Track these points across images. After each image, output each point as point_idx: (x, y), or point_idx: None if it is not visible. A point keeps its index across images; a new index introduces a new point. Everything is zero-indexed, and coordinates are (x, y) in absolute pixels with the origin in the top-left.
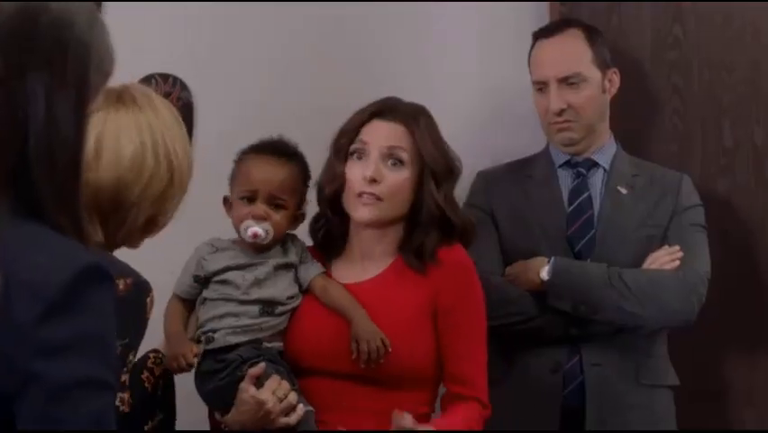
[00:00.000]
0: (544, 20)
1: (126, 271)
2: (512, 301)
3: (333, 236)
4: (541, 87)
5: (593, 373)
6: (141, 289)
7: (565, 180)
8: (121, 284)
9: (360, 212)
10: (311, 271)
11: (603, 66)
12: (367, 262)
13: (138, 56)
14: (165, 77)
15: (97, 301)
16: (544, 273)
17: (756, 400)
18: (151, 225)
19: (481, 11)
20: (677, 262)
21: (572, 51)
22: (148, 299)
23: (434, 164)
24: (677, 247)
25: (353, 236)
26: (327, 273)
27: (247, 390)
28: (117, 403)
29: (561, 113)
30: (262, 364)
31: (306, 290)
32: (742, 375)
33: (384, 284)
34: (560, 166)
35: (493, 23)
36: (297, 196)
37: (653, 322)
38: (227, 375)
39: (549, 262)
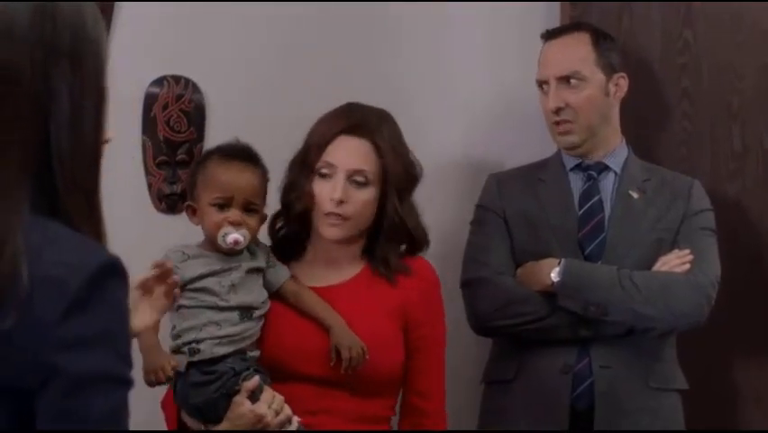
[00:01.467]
0: (555, 21)
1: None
2: (522, 302)
3: (292, 240)
4: (543, 86)
5: (602, 375)
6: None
7: (576, 184)
8: None
9: (328, 232)
10: (280, 274)
11: (608, 69)
12: (331, 268)
13: (150, 58)
14: (177, 78)
15: (115, 298)
16: (555, 275)
17: (764, 402)
18: None
19: (492, 11)
20: (687, 266)
21: (574, 51)
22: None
23: (397, 179)
24: (687, 251)
25: (315, 242)
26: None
27: (243, 403)
28: None
29: (558, 111)
30: (257, 378)
31: (274, 294)
32: (750, 378)
33: (356, 290)
34: (571, 169)
35: (504, 23)
36: (264, 199)
37: (663, 324)
38: (219, 388)
39: (559, 263)
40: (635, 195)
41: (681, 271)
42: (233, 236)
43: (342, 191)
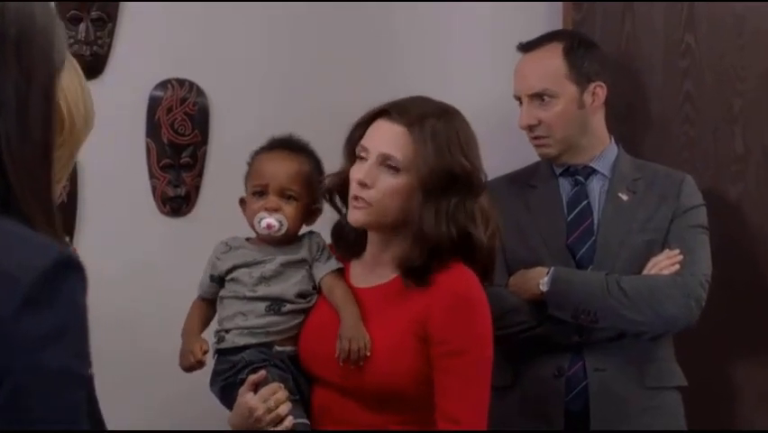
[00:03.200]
0: (558, 24)
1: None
2: (513, 311)
3: (351, 237)
4: (519, 101)
5: (596, 377)
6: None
7: (565, 189)
8: None
9: (350, 215)
10: (323, 269)
11: (582, 80)
12: (378, 268)
13: (154, 61)
14: (181, 82)
15: (71, 293)
16: (544, 284)
17: (766, 401)
18: None
19: (495, 12)
20: (677, 267)
21: (544, 68)
22: None
23: (426, 174)
24: (677, 251)
25: (368, 240)
26: (345, 273)
27: (243, 394)
28: None
29: (531, 129)
30: (263, 372)
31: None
32: (753, 376)
33: (384, 295)
34: (560, 174)
35: (505, 25)
36: (308, 188)
37: (653, 328)
38: (230, 377)
39: (548, 272)
40: (624, 197)
41: (671, 271)
42: (267, 220)
43: (365, 173)
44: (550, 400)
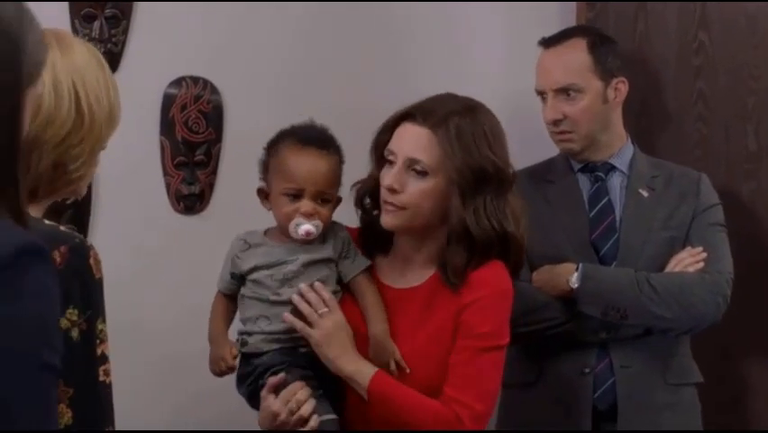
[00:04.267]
0: (571, 22)
1: (59, 237)
2: (542, 309)
3: (378, 233)
4: (542, 96)
5: (623, 374)
6: (78, 253)
7: (584, 185)
8: (57, 256)
9: (384, 219)
10: (354, 267)
11: (607, 75)
12: (408, 268)
13: (168, 59)
14: (195, 79)
15: (36, 282)
16: (574, 281)
17: None
18: (61, 173)
19: (508, 11)
20: (701, 264)
21: (570, 62)
22: (90, 260)
23: (458, 174)
24: (700, 248)
25: (397, 238)
26: (373, 270)
27: (266, 398)
28: (102, 376)
29: (556, 123)
30: (281, 375)
31: (348, 286)
32: (766, 374)
33: (423, 296)
34: (579, 170)
35: (519, 23)
36: (338, 185)
37: (682, 325)
38: (252, 382)
39: (577, 268)
40: (644, 193)
41: (696, 269)
42: (305, 228)
43: (394, 179)
44: (577, 397)
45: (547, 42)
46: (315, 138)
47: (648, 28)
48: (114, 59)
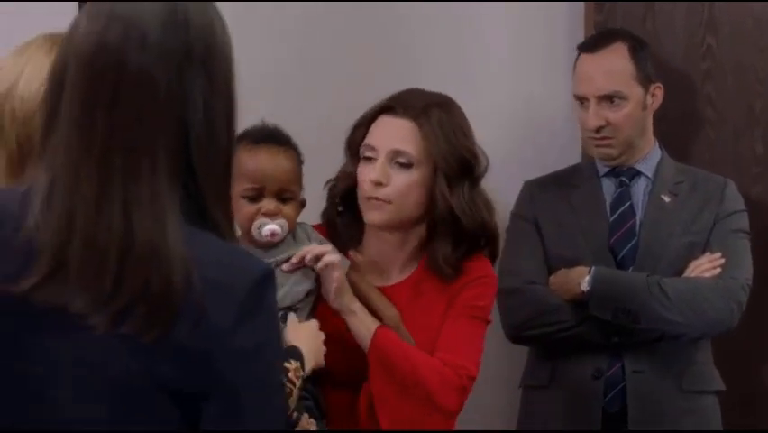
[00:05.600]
0: (579, 23)
1: None
2: (552, 312)
3: (350, 229)
4: (582, 101)
5: (635, 379)
6: None
7: (609, 189)
8: None
9: (369, 216)
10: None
11: (646, 82)
12: (390, 265)
13: None
14: None
15: (273, 304)
16: (585, 284)
17: None
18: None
19: (515, 11)
20: (718, 270)
21: (614, 69)
22: None
23: (444, 163)
24: (719, 254)
25: (373, 236)
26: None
27: None
28: None
29: (598, 130)
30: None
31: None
32: None
33: (411, 291)
34: (604, 175)
35: (528, 24)
36: (300, 184)
37: (693, 331)
38: None
39: (590, 272)
40: (666, 199)
41: (713, 275)
42: (269, 228)
43: (379, 172)
44: (588, 400)
45: (588, 47)
46: (269, 135)
47: (657, 29)
48: None
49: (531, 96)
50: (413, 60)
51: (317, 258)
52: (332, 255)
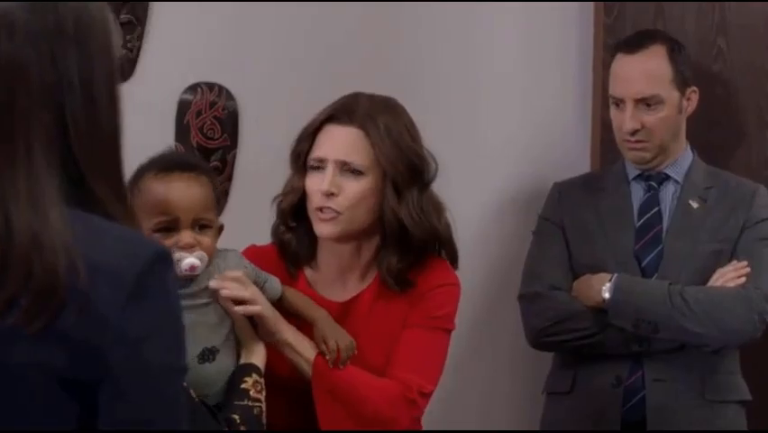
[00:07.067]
0: (589, 24)
1: None
2: (573, 318)
3: (302, 244)
4: (618, 102)
5: (655, 388)
6: None
7: (637, 193)
8: None
9: (320, 229)
10: (276, 285)
11: (683, 85)
12: (348, 278)
13: (183, 64)
14: (211, 86)
15: (169, 285)
16: (606, 292)
17: None
18: None
19: (525, 12)
20: (743, 279)
21: (653, 72)
22: None
23: (393, 169)
24: (744, 263)
25: (326, 249)
26: (302, 283)
27: None
28: None
29: (634, 132)
30: None
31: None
32: None
33: (363, 308)
34: (633, 179)
35: (537, 25)
36: (215, 209)
37: (714, 341)
38: None
39: (611, 279)
40: (694, 205)
41: (737, 284)
42: (188, 262)
43: (330, 182)
44: (607, 409)
45: (626, 48)
46: (178, 162)
47: (667, 31)
48: (128, 65)
49: (540, 98)
50: (423, 61)
51: (235, 301)
52: (254, 306)
